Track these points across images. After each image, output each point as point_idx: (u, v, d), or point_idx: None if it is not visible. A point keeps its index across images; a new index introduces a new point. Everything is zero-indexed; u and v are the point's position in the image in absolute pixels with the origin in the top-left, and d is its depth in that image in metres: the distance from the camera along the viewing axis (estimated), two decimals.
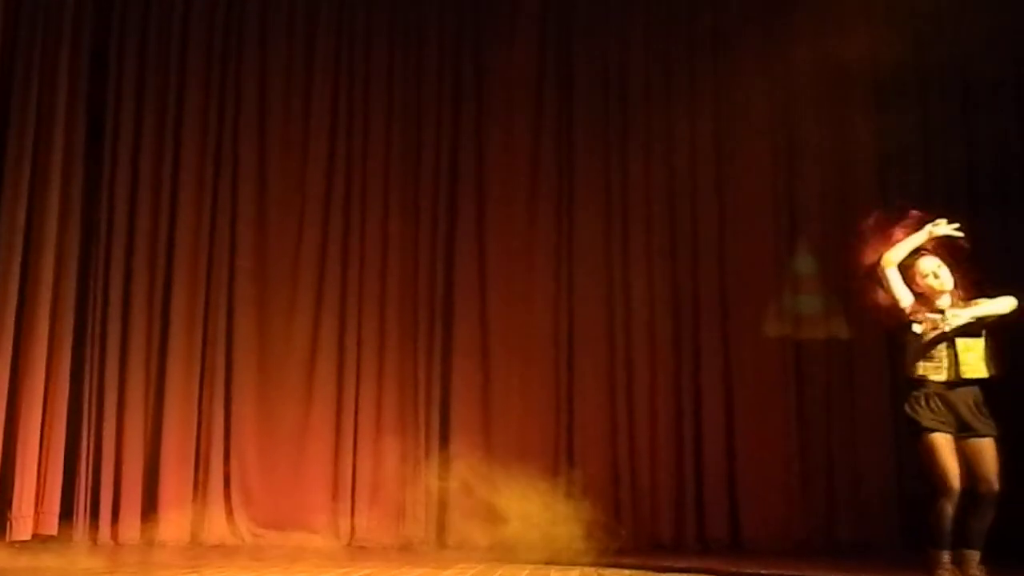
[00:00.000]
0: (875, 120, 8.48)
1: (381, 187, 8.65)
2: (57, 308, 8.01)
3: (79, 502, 7.88)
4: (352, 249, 8.55)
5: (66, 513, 7.82)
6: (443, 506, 8.15)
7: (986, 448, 5.08)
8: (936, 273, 5.28)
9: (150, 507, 7.98)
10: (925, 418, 5.12)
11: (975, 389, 5.16)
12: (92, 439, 8.01)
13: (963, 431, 5.11)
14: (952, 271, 5.36)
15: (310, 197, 8.59)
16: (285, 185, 8.61)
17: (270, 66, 8.70)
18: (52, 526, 7.73)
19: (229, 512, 8.07)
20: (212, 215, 8.48)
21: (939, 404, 5.13)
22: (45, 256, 7.99)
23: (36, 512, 7.69)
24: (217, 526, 8.00)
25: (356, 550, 7.81)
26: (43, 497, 7.74)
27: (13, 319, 7.81)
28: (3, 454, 7.67)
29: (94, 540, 7.79)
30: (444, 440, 8.30)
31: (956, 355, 5.12)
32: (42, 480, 7.77)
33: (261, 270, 8.50)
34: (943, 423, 5.11)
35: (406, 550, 7.85)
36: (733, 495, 8.28)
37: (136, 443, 8.07)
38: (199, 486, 8.12)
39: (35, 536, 7.60)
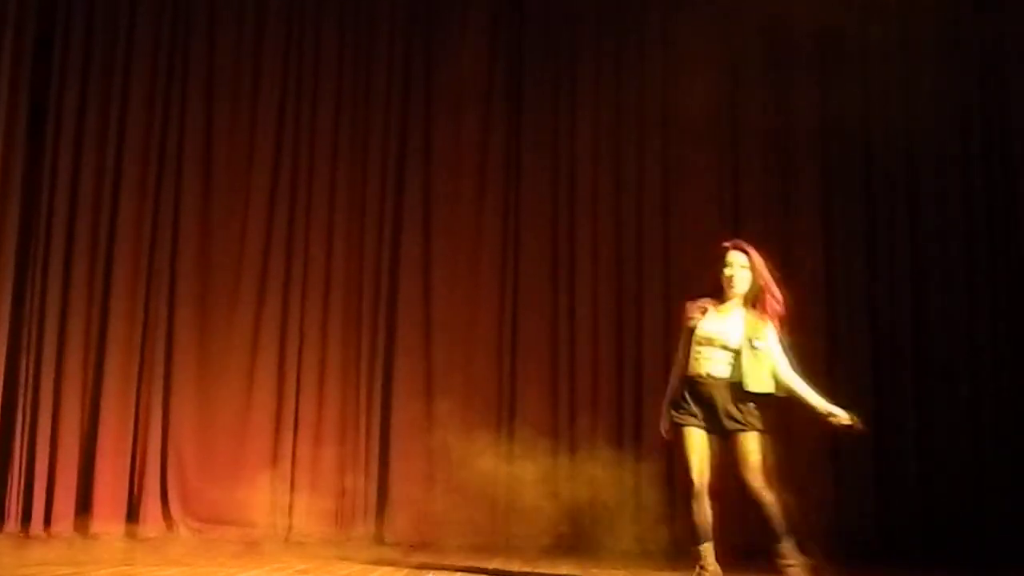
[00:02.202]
0: (820, 113, 8.59)
1: (327, 180, 8.60)
2: None
3: (11, 493, 7.83)
4: (296, 242, 8.51)
5: None
6: (382, 502, 8.15)
7: (747, 442, 5.02)
8: (733, 272, 5.18)
9: (85, 500, 7.92)
10: (682, 414, 5.09)
11: (740, 384, 5.07)
12: (27, 430, 7.95)
13: (726, 427, 5.05)
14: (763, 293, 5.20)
15: (255, 189, 8.54)
16: (230, 176, 8.55)
17: (217, 57, 8.64)
18: None
19: (166, 506, 8.04)
20: (155, 206, 8.41)
21: (700, 400, 5.07)
22: None
23: None
24: (153, 520, 7.97)
25: (294, 545, 7.76)
26: None
27: None
28: None
29: (26, 533, 7.71)
30: (385, 436, 8.29)
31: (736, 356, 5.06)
32: None
33: (204, 262, 8.44)
34: (699, 419, 5.07)
35: (344, 546, 7.82)
36: (671, 501, 8.32)
37: (72, 434, 8.01)
38: (136, 479, 8.08)
39: None
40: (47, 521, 7.81)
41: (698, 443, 5.06)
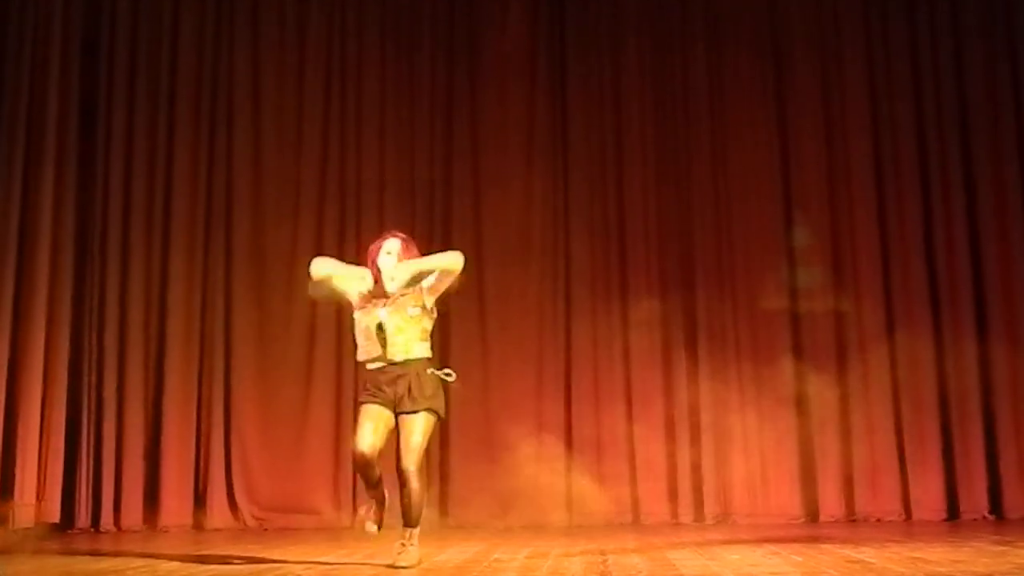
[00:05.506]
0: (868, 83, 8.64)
1: (377, 168, 8.70)
2: (54, 296, 8.09)
3: (81, 489, 7.97)
4: (348, 230, 8.57)
5: (68, 500, 7.86)
6: (445, 484, 8.18)
7: (408, 424, 4.93)
8: (388, 255, 5.04)
9: (152, 494, 8.04)
10: (363, 394, 5.05)
11: (412, 369, 4.97)
12: (92, 426, 8.10)
13: (398, 408, 4.97)
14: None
15: (305, 180, 8.64)
16: (281, 168, 8.67)
17: (262, 45, 8.75)
18: (54, 513, 7.78)
19: (231, 497, 8.14)
20: (207, 202, 8.53)
21: (377, 383, 4.99)
22: (40, 247, 8.07)
23: (38, 500, 7.77)
24: (219, 512, 8.08)
25: (359, 532, 7.78)
26: (44, 485, 7.83)
27: (10, 310, 7.88)
28: (3, 444, 7.71)
29: (96, 527, 7.83)
30: (445, 422, 8.29)
31: (386, 339, 4.95)
32: (43, 468, 7.87)
33: (259, 254, 8.53)
34: (378, 397, 4.98)
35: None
36: (724, 474, 8.32)
37: (136, 429, 8.15)
38: (201, 472, 8.19)
39: (37, 523, 7.63)
40: (116, 516, 7.96)
41: (373, 416, 4.97)
